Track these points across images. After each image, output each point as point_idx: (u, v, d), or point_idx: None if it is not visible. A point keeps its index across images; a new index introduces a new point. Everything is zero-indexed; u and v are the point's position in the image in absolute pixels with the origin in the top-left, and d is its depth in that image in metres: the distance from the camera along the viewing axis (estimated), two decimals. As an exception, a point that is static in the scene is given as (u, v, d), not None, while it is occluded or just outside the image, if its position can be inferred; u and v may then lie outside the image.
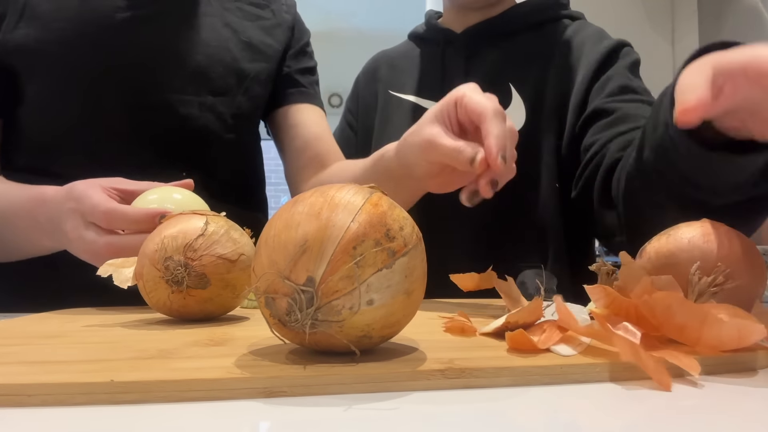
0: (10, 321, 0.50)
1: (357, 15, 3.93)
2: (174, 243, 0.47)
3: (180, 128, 0.79)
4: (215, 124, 0.82)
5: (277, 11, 0.92)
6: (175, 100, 0.79)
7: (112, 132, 0.77)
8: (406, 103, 0.93)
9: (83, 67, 0.75)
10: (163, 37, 0.79)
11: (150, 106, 0.78)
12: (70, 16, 0.75)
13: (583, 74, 0.83)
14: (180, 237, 0.47)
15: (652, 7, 2.13)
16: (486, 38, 0.90)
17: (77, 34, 0.75)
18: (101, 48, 0.76)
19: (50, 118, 0.76)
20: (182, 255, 0.46)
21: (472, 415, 0.26)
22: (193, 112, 0.80)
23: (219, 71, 0.82)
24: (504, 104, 0.87)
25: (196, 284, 0.47)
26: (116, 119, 0.76)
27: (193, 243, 0.47)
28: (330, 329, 0.30)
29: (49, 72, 0.75)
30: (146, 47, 0.78)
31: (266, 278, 0.31)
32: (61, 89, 0.75)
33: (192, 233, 0.47)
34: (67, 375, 0.29)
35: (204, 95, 0.81)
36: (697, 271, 0.39)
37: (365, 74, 1.02)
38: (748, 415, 0.27)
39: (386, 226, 0.31)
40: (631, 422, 0.26)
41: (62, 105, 0.75)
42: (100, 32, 0.76)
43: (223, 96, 0.82)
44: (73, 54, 0.75)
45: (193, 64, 0.80)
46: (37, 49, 0.74)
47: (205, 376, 0.28)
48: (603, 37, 0.86)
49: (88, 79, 0.76)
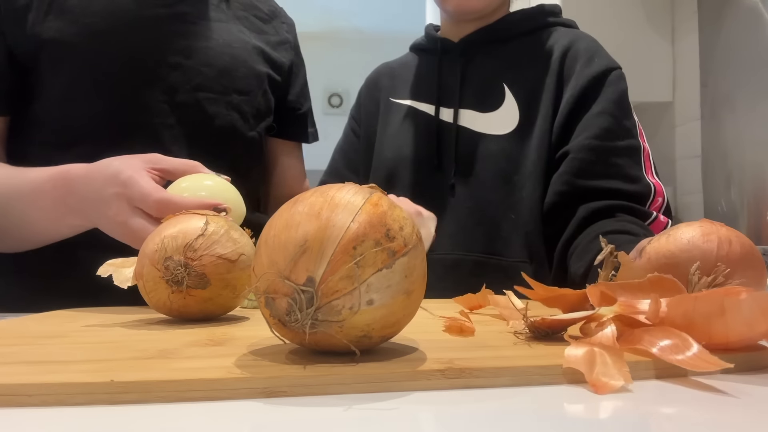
0: (10, 321, 0.50)
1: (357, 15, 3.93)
2: (174, 243, 0.47)
3: (208, 125, 0.81)
4: (239, 122, 0.84)
5: (279, 29, 0.96)
6: (203, 98, 0.81)
7: (139, 127, 0.77)
8: (403, 107, 0.97)
9: (113, 62, 0.76)
10: (190, 36, 0.81)
11: (179, 103, 0.79)
12: (99, 10, 0.76)
13: (567, 97, 0.85)
14: (180, 237, 0.47)
15: (652, 7, 2.13)
16: (481, 46, 0.93)
17: (107, 29, 0.76)
18: (131, 44, 0.77)
19: (76, 111, 0.76)
20: (182, 255, 0.46)
21: (472, 415, 0.26)
22: (220, 110, 0.82)
23: (243, 71, 0.85)
24: (497, 106, 0.89)
25: (196, 284, 0.47)
26: (144, 115, 0.77)
27: (193, 243, 0.47)
28: (330, 329, 0.30)
29: (78, 66, 0.75)
30: (175, 45, 0.79)
31: (266, 278, 0.31)
32: (88, 83, 0.76)
33: (192, 233, 0.47)
34: (67, 375, 0.29)
35: (230, 94, 0.83)
36: (696, 271, 0.39)
37: (367, 85, 1.07)
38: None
39: (386, 226, 0.31)
40: (631, 422, 0.26)
41: (89, 99, 0.76)
42: (130, 28, 0.77)
43: (246, 96, 0.85)
44: (102, 49, 0.76)
45: (219, 63, 0.82)
46: (67, 43, 0.75)
47: (205, 376, 0.28)
48: (594, 57, 0.88)
49: (117, 75, 0.76)
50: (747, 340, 0.34)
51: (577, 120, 0.84)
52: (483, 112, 0.90)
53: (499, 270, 0.84)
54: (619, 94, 0.85)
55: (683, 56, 2.11)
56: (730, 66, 1.87)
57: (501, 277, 0.82)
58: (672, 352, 0.32)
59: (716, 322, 0.33)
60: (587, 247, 0.74)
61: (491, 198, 0.86)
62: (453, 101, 0.91)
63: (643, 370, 0.32)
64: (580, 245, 0.76)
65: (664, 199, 0.81)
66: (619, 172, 0.80)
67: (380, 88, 1.03)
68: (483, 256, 0.85)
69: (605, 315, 0.37)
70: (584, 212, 0.78)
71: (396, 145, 0.94)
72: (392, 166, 0.93)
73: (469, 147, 0.88)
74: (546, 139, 0.85)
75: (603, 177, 0.80)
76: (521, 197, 0.84)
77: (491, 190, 0.86)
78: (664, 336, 0.33)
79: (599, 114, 0.83)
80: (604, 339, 0.34)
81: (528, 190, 0.84)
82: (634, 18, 2.12)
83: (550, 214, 0.82)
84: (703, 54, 1.99)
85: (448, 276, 0.85)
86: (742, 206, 1.82)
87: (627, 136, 0.83)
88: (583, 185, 0.80)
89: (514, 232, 0.84)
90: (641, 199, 0.79)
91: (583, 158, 0.81)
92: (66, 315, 0.55)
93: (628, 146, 0.82)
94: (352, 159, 1.03)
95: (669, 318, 0.34)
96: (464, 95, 0.91)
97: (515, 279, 0.48)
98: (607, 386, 0.29)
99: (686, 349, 0.31)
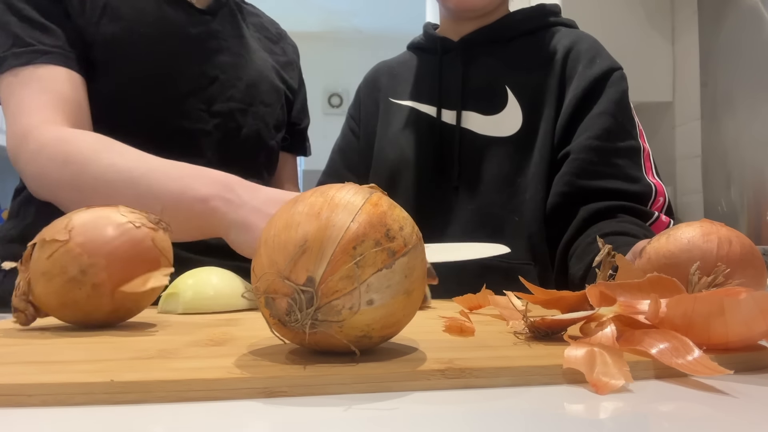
0: (10, 321, 0.50)
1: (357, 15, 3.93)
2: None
3: (238, 134, 0.87)
4: (264, 131, 0.91)
5: (287, 50, 1.02)
6: (235, 108, 0.86)
7: (180, 132, 0.81)
8: (404, 109, 0.96)
9: (162, 70, 0.81)
10: (224, 52, 0.87)
11: (215, 112, 0.84)
12: (152, 21, 0.81)
13: (569, 99, 0.85)
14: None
15: (652, 7, 2.13)
16: (482, 46, 0.93)
17: (158, 40, 0.81)
18: (177, 56, 0.82)
19: (122, 112, 0.79)
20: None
21: (472, 415, 0.26)
22: (248, 120, 0.88)
23: (267, 86, 0.92)
24: (500, 108, 0.89)
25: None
26: (185, 121, 0.82)
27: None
28: (330, 329, 0.30)
29: (129, 69, 0.79)
30: (213, 60, 0.85)
31: (266, 278, 0.31)
32: (137, 87, 0.79)
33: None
34: (66, 375, 0.29)
35: (257, 105, 0.89)
36: (696, 271, 0.39)
37: (366, 84, 1.06)
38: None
39: (386, 226, 0.31)
40: (631, 423, 0.26)
41: (136, 102, 0.79)
42: (177, 41, 0.82)
43: (269, 107, 0.92)
44: (154, 56, 0.80)
45: (248, 78, 0.89)
46: (122, 47, 0.78)
47: (205, 376, 0.28)
48: (596, 57, 0.88)
49: (164, 82, 0.81)
50: (746, 340, 0.34)
51: (579, 121, 0.84)
52: (486, 114, 0.89)
53: (503, 272, 0.84)
54: (620, 94, 0.85)
55: (683, 56, 2.11)
56: (730, 66, 1.87)
57: (504, 278, 0.82)
58: (672, 355, 0.32)
59: (716, 322, 0.33)
60: (586, 249, 0.74)
61: (495, 200, 0.86)
62: (455, 103, 0.91)
63: (643, 370, 0.32)
64: (580, 247, 0.76)
65: (666, 199, 0.81)
66: (620, 173, 0.80)
67: (379, 87, 1.02)
68: (486, 258, 0.85)
69: (605, 315, 0.37)
70: (585, 213, 0.78)
71: (398, 147, 0.94)
72: (395, 168, 0.93)
73: (473, 150, 0.88)
74: (549, 140, 0.85)
75: (604, 177, 0.80)
76: (525, 199, 0.84)
77: (495, 192, 0.86)
78: (665, 339, 0.33)
79: (600, 114, 0.83)
80: (604, 339, 0.34)
81: (531, 192, 0.84)
82: (634, 18, 2.12)
83: (553, 215, 0.82)
84: (703, 54, 1.99)
85: (451, 278, 0.85)
86: (742, 206, 1.82)
87: (628, 137, 0.83)
88: (584, 185, 0.80)
89: (518, 234, 0.84)
90: (642, 199, 0.79)
91: (584, 158, 0.81)
92: (66, 315, 0.55)
93: (629, 147, 0.82)
94: (351, 159, 1.02)
95: (668, 318, 0.34)
96: (466, 97, 0.91)
97: (519, 281, 0.48)
98: (608, 386, 0.29)
99: (687, 353, 0.31)
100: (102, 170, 0.67)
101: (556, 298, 0.44)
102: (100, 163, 0.67)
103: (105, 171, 0.67)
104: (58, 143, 0.69)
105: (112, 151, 0.69)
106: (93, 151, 0.69)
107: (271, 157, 0.95)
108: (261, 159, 0.91)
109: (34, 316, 0.45)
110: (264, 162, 0.92)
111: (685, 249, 0.41)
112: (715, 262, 0.39)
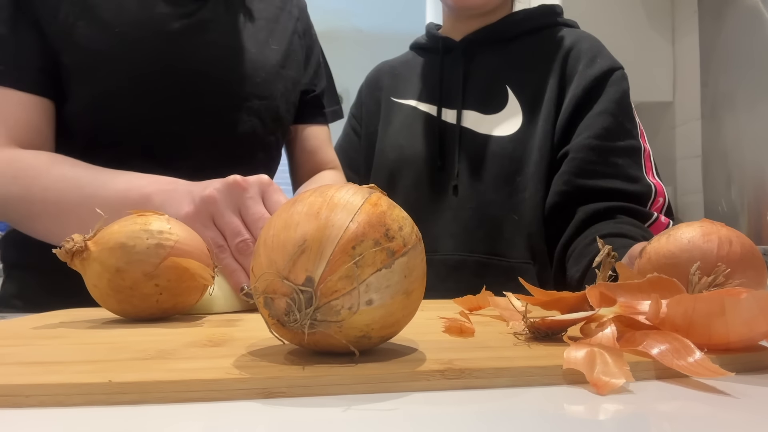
0: (9, 321, 0.50)
1: (357, 15, 3.93)
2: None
3: (231, 131, 0.82)
4: (259, 127, 0.85)
5: (291, 15, 0.95)
6: (226, 105, 0.82)
7: (167, 134, 0.78)
8: (405, 107, 0.97)
9: (141, 70, 0.77)
10: (214, 44, 0.82)
11: (206, 111, 0.80)
12: (130, 21, 0.77)
13: (569, 98, 0.85)
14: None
15: (652, 7, 2.13)
16: (484, 45, 0.93)
17: (137, 38, 0.76)
18: (159, 53, 0.78)
19: (106, 118, 0.76)
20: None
21: (472, 415, 0.26)
22: (242, 116, 0.83)
23: (262, 76, 0.85)
24: (500, 107, 0.89)
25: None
26: (171, 122, 0.78)
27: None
28: (329, 329, 0.30)
29: (109, 74, 0.75)
30: (200, 54, 0.80)
31: (265, 278, 0.31)
32: (117, 91, 0.76)
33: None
34: (65, 375, 0.29)
35: (251, 100, 0.84)
36: (697, 271, 0.39)
37: (368, 83, 1.06)
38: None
39: (385, 226, 0.31)
40: (632, 423, 0.26)
41: (119, 106, 0.76)
42: (158, 38, 0.78)
43: (266, 100, 0.86)
44: (132, 57, 0.76)
45: (240, 70, 0.83)
46: (99, 51, 0.75)
47: (204, 376, 0.28)
48: (596, 57, 0.88)
49: (146, 83, 0.77)
50: (747, 341, 0.34)
51: (579, 120, 0.84)
52: (486, 113, 0.90)
53: (502, 271, 0.84)
54: (620, 94, 0.85)
55: (683, 56, 2.11)
56: (730, 66, 1.87)
57: (504, 278, 0.82)
58: (673, 356, 0.32)
59: (716, 323, 0.33)
60: (584, 251, 0.74)
61: (494, 199, 0.86)
62: (456, 102, 0.91)
63: (644, 370, 0.32)
64: (577, 249, 0.76)
65: (665, 200, 0.81)
66: (619, 172, 0.80)
67: (381, 87, 1.02)
68: (486, 257, 0.85)
69: (605, 316, 0.36)
70: (583, 214, 0.78)
71: (398, 146, 0.94)
72: (394, 167, 0.93)
73: (473, 149, 0.88)
74: (548, 139, 0.85)
75: (603, 177, 0.80)
76: (524, 198, 0.84)
77: (494, 191, 0.86)
78: (665, 340, 0.33)
79: (600, 114, 0.83)
80: (605, 339, 0.34)
81: (531, 191, 0.84)
82: (634, 18, 2.12)
83: (552, 214, 0.82)
84: (703, 54, 1.99)
85: (450, 277, 0.85)
86: (742, 206, 1.82)
87: (628, 137, 0.83)
88: (583, 185, 0.80)
89: (517, 233, 0.84)
90: (642, 199, 0.79)
91: (583, 158, 0.81)
92: (65, 315, 0.55)
93: (629, 146, 0.82)
94: (352, 158, 1.03)
95: (669, 318, 0.34)
96: (467, 96, 0.91)
97: (518, 280, 0.49)
98: (609, 385, 0.29)
99: (688, 354, 0.31)
100: (52, 180, 0.67)
101: (556, 299, 0.44)
102: (50, 175, 0.68)
103: (55, 181, 0.67)
104: (4, 163, 0.69)
105: (64, 164, 0.69)
106: (44, 165, 0.69)
107: (271, 154, 0.90)
108: (257, 155, 0.86)
109: (74, 254, 0.47)
110: (263, 160, 0.88)
111: (685, 249, 0.41)
112: (716, 262, 0.39)
